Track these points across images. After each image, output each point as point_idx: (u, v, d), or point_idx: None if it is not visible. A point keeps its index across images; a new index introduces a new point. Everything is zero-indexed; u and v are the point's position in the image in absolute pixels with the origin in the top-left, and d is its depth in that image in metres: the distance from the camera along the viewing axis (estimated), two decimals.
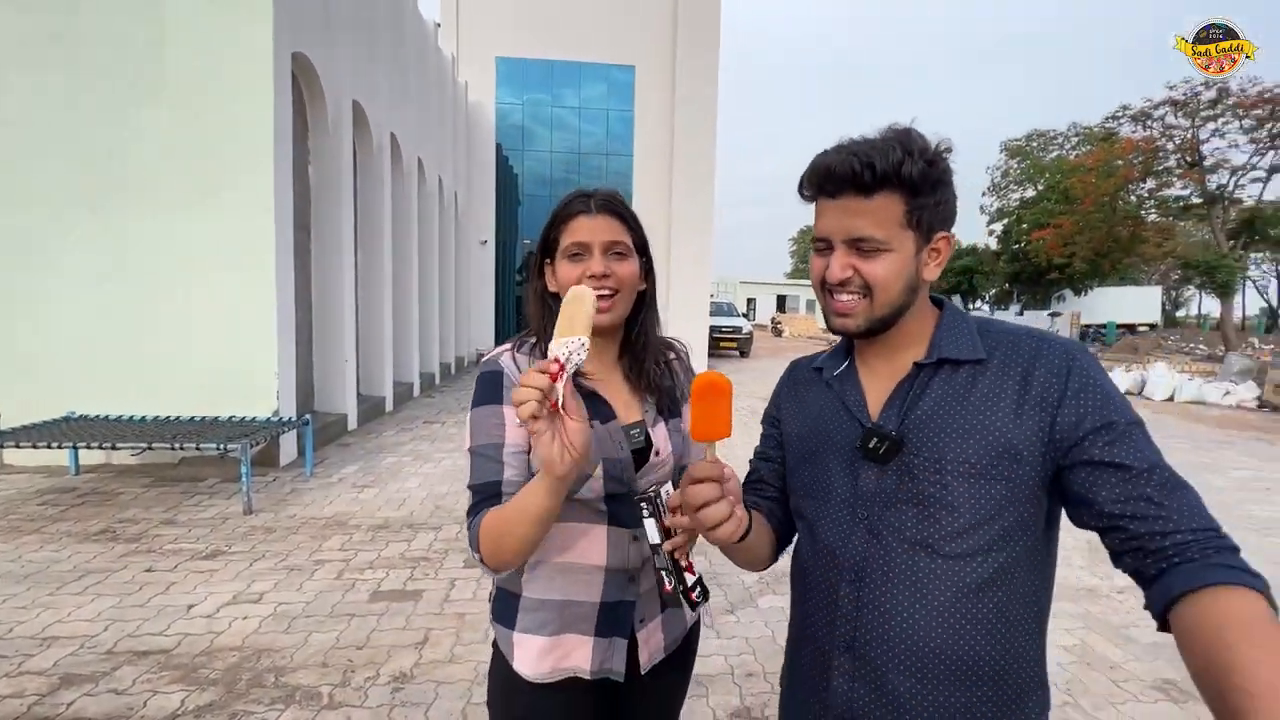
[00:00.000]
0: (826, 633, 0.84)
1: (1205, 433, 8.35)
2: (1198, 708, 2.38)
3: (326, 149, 6.59)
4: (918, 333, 0.87)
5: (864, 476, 0.83)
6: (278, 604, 2.99)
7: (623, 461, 1.04)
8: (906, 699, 0.78)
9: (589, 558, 1.03)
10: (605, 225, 1.03)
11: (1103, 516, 0.72)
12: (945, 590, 0.77)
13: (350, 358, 6.87)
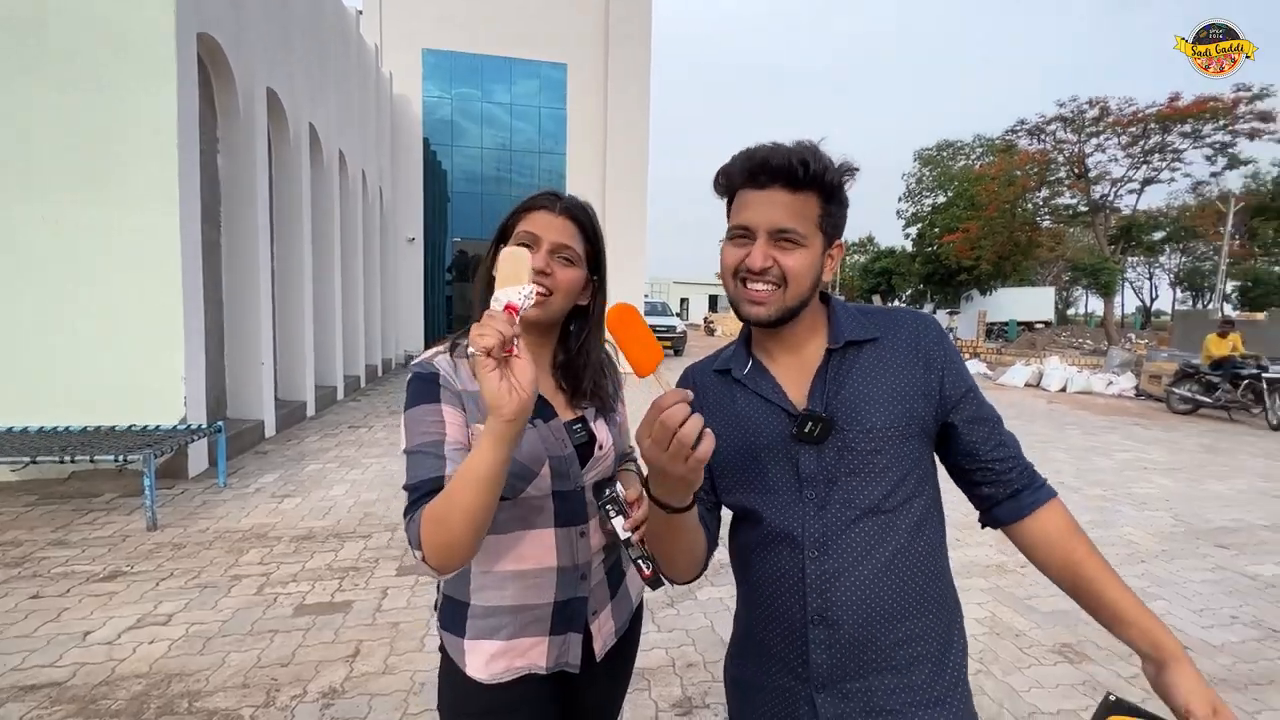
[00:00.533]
0: (798, 611, 0.87)
1: (1092, 419, 9.19)
2: (1090, 667, 2.63)
3: (238, 138, 6.17)
4: (815, 325, 0.95)
5: (803, 460, 0.88)
6: (190, 625, 2.78)
7: (567, 457, 1.04)
8: (880, 649, 0.86)
9: (540, 561, 1.03)
10: (561, 226, 1.04)
11: (977, 459, 0.92)
12: (893, 541, 0.87)
13: (267, 360, 6.47)
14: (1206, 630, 2.97)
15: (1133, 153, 24.47)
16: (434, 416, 0.95)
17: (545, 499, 1.02)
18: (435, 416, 0.95)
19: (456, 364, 1.01)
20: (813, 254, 0.88)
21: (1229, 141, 22.93)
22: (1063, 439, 7.56)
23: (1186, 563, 3.79)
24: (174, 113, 4.68)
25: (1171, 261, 46.98)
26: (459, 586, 1.04)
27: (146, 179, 4.68)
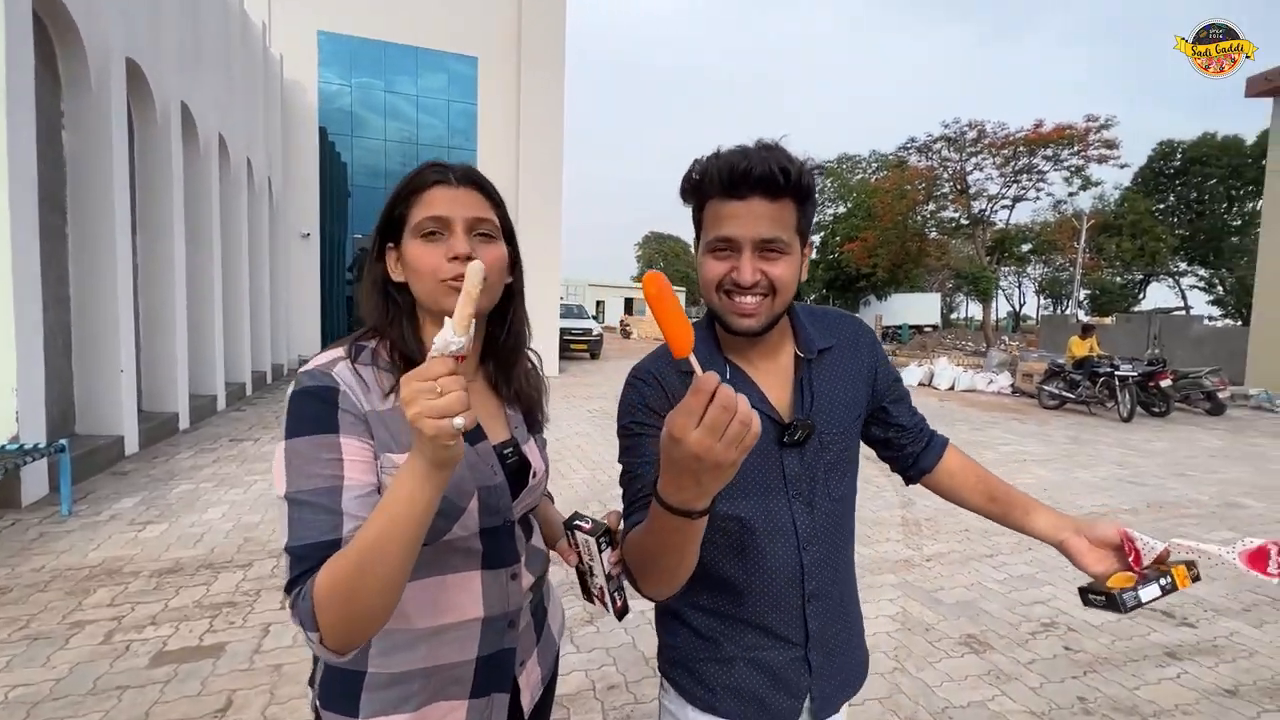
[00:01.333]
0: (797, 593, 0.96)
1: (978, 415, 9.96)
2: (993, 655, 2.75)
3: (88, 114, 5.38)
4: (784, 330, 1.00)
5: (789, 462, 0.95)
6: (9, 690, 2.31)
7: (498, 487, 0.88)
8: (842, 606, 1.02)
9: (464, 612, 0.85)
10: (470, 199, 0.86)
11: (904, 429, 1.10)
12: (847, 520, 1.03)
13: (127, 367, 5.69)
14: (1088, 611, 3.19)
15: (1005, 172, 27.03)
16: (330, 453, 0.74)
17: (472, 538, 0.85)
18: (332, 453, 0.74)
19: (361, 373, 0.81)
20: (796, 260, 0.90)
21: (1081, 165, 25.88)
22: (954, 434, 8.10)
23: None
24: (1, 75, 3.99)
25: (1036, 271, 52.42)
26: (360, 653, 0.83)
27: None
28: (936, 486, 1.12)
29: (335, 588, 0.66)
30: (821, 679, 0.99)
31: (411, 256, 0.83)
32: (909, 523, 4.54)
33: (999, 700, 2.43)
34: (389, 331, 0.86)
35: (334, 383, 0.78)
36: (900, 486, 5.48)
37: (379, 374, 0.83)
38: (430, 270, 0.82)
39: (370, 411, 0.79)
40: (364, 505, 0.75)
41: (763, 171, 0.83)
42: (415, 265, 0.83)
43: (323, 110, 13.92)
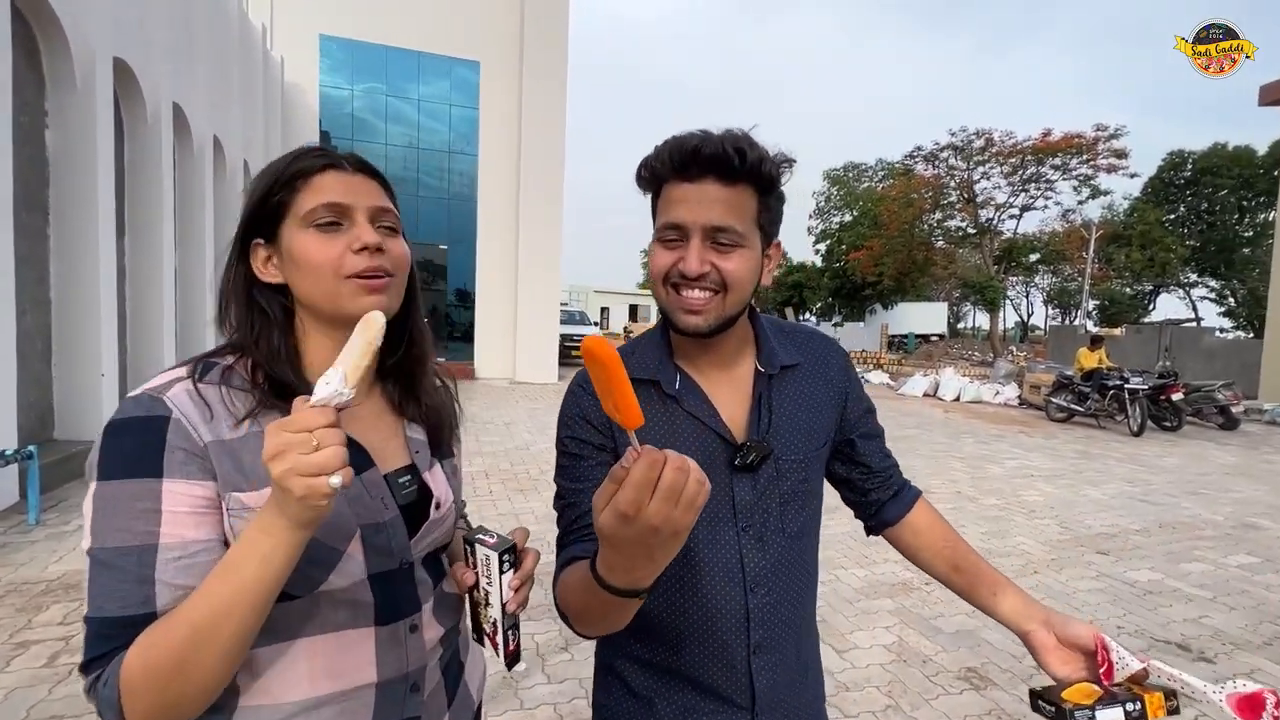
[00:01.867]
0: (741, 644, 0.84)
1: (984, 428, 9.74)
2: (995, 692, 2.56)
3: (73, 112, 5.29)
4: (744, 339, 0.89)
5: (739, 489, 0.83)
6: None
7: (389, 524, 0.72)
8: (802, 662, 0.89)
9: (351, 678, 0.70)
10: (368, 187, 0.72)
11: (871, 470, 0.96)
12: (807, 561, 0.90)
13: (109, 371, 5.57)
14: None
15: (1013, 181, 26.87)
16: (146, 502, 0.60)
17: (358, 587, 0.70)
18: (148, 502, 0.60)
19: (205, 394, 0.65)
20: (753, 255, 0.80)
21: (1090, 175, 25.65)
22: (959, 448, 7.91)
23: (1074, 571, 3.91)
24: None
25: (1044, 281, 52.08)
26: (225, 706, 0.66)
27: None
28: (898, 543, 0.97)
29: (153, 671, 0.54)
30: None
31: (302, 250, 0.69)
32: None
33: None
34: (254, 348, 0.70)
35: (165, 410, 0.63)
36: None
37: (229, 394, 0.67)
38: (330, 264, 0.68)
39: (212, 442, 0.64)
40: (186, 571, 0.60)
41: (714, 151, 0.74)
42: (307, 259, 0.69)
43: (325, 114, 13.90)
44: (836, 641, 2.94)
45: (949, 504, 5.30)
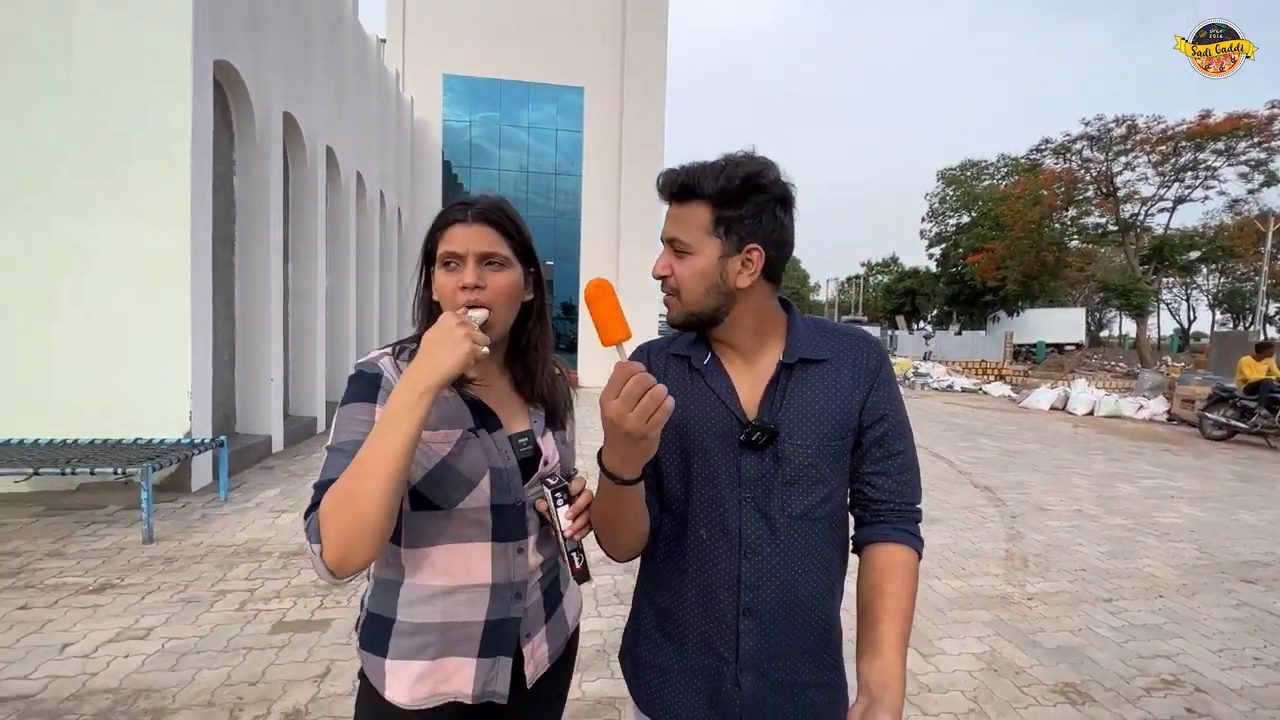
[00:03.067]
0: (731, 604, 0.93)
1: (1119, 444, 8.84)
2: (1093, 709, 2.47)
3: (254, 161, 6.36)
4: (772, 333, 0.98)
5: (745, 463, 0.92)
6: (167, 640, 2.77)
7: (509, 470, 1.00)
8: (795, 635, 0.94)
9: (474, 576, 0.98)
10: (480, 235, 0.99)
11: (865, 478, 0.97)
12: (820, 546, 0.95)
13: (276, 376, 6.57)
14: (1225, 672, 2.77)
15: (1163, 171, 23.95)
16: (365, 416, 0.91)
17: (483, 512, 0.98)
18: (366, 416, 0.91)
19: (400, 365, 0.97)
20: (703, 260, 0.91)
21: (1264, 159, 22.28)
22: (1086, 464, 7.27)
23: (1208, 598, 3.57)
24: (188, 135, 4.84)
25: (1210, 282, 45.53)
26: (385, 602, 0.98)
27: (159, 199, 4.83)
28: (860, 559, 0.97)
29: (333, 498, 0.80)
30: (754, 712, 0.93)
31: (436, 282, 1.00)
32: (1013, 557, 4.15)
33: None
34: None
35: (379, 370, 0.96)
36: (1008, 518, 5.02)
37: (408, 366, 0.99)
38: (449, 294, 0.98)
39: None
40: None
41: (665, 180, 0.92)
42: (438, 290, 1.00)
43: (446, 145, 15.29)
44: (923, 646, 2.93)
45: (1066, 522, 4.95)
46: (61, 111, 4.68)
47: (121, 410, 4.82)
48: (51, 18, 4.63)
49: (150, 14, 4.77)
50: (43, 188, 4.70)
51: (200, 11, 4.96)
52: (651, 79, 14.11)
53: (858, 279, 60.65)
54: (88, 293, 4.76)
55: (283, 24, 6.73)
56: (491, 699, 0.99)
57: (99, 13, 4.69)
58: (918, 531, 0.96)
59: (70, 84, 4.68)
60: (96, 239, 4.75)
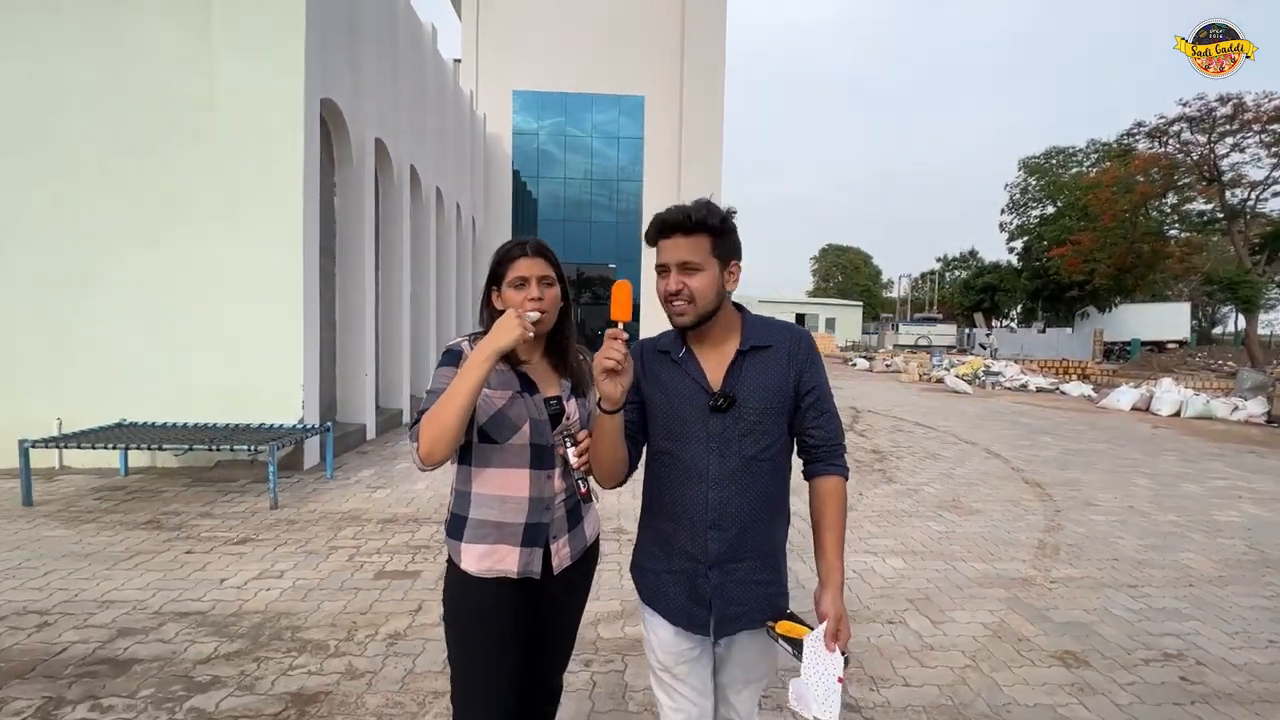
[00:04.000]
0: (702, 520, 1.32)
1: (1200, 446, 8.43)
2: (1085, 672, 2.70)
3: (351, 182, 7.24)
4: (731, 328, 1.37)
5: (712, 422, 1.31)
6: (296, 579, 3.46)
7: (542, 421, 1.48)
8: (747, 543, 1.34)
9: (517, 491, 1.45)
10: (537, 264, 1.48)
11: (802, 431, 1.37)
12: (762, 479, 1.34)
13: (370, 372, 7.44)
14: (1232, 650, 2.90)
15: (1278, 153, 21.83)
16: (449, 374, 1.40)
17: (524, 448, 1.45)
18: (450, 374, 1.40)
19: (473, 345, 1.46)
20: (711, 275, 1.30)
21: None
22: (1151, 465, 7.07)
23: (1242, 589, 3.62)
24: (300, 167, 5.68)
25: None
26: (461, 505, 1.47)
27: (278, 221, 5.70)
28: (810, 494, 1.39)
29: (430, 414, 1.31)
30: (719, 597, 1.32)
31: (508, 296, 1.48)
32: (1046, 546, 4.28)
33: (1072, 708, 2.43)
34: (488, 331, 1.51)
35: (461, 349, 1.46)
36: (1052, 512, 5.10)
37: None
38: (517, 304, 1.46)
39: None
40: None
41: (676, 218, 1.29)
42: (508, 301, 1.48)
43: (516, 156, 16.21)
44: (933, 615, 3.20)
45: (1113, 517, 4.98)
46: (203, 152, 5.62)
47: (248, 400, 5.71)
48: (200, 74, 5.58)
49: (273, 64, 5.65)
50: (188, 216, 5.67)
51: (311, 58, 5.80)
52: (710, 86, 14.45)
53: (932, 275, 58.21)
54: (223, 303, 5.69)
55: (375, 60, 7.61)
56: (529, 576, 1.47)
57: (236, 67, 5.60)
58: (844, 462, 1.37)
59: (211, 128, 5.61)
60: (229, 258, 5.67)
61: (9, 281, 5.61)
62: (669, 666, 1.40)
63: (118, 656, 2.65)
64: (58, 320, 5.65)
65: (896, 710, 2.39)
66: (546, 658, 1.61)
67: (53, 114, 5.59)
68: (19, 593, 3.23)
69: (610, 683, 2.53)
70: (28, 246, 5.61)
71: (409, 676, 2.55)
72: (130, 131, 5.62)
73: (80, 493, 5.01)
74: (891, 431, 9.06)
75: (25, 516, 4.41)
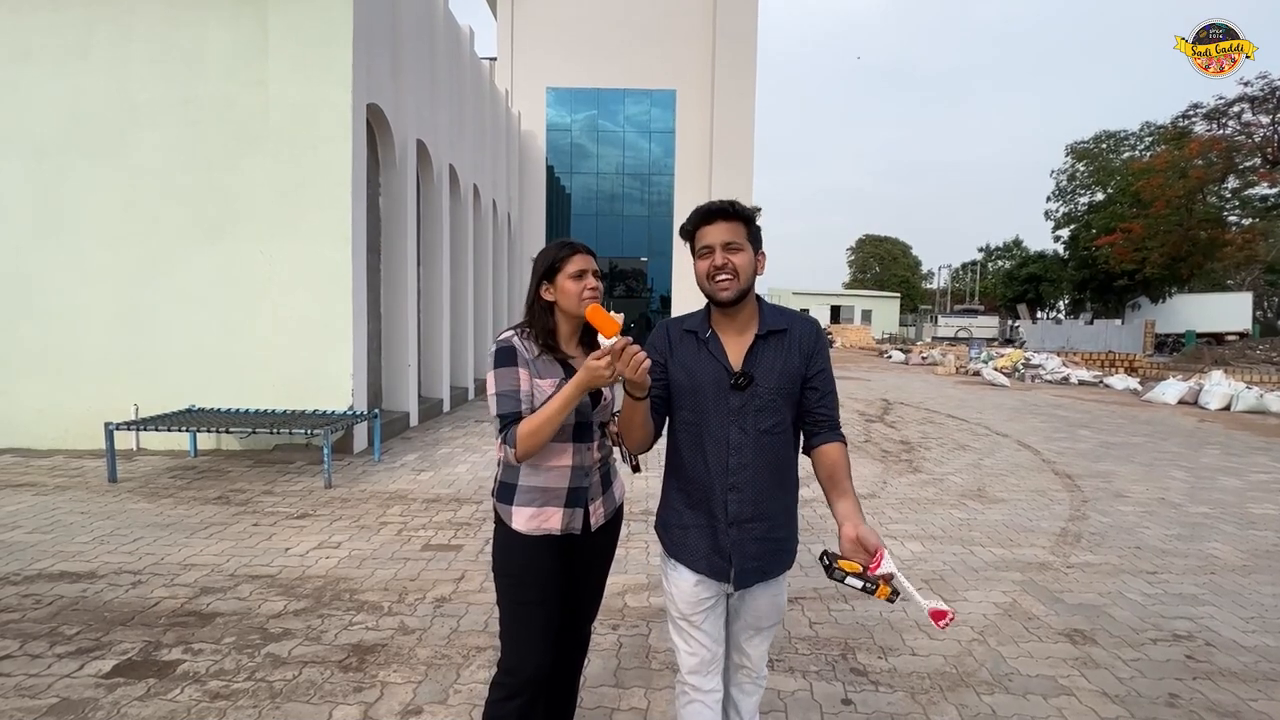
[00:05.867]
0: (722, 483, 1.50)
1: (1247, 440, 8.20)
2: (1090, 649, 2.80)
3: (394, 183, 7.62)
4: (752, 314, 1.55)
5: (732, 398, 1.49)
6: (351, 550, 3.80)
7: (584, 403, 1.70)
8: (760, 505, 1.51)
9: (563, 461, 1.68)
10: (589, 260, 1.72)
11: (807, 408, 1.53)
12: (774, 450, 1.51)
13: (412, 363, 7.84)
14: (1244, 634, 2.96)
15: None
16: (513, 375, 1.64)
17: (569, 426, 1.67)
18: (514, 375, 1.64)
19: (524, 342, 1.70)
20: (749, 256, 1.49)
21: None
22: (1191, 458, 6.94)
23: (1266, 578, 3.63)
24: (349, 170, 6.05)
25: None
26: (511, 473, 1.69)
27: (329, 222, 6.08)
28: (813, 463, 1.54)
29: (526, 430, 1.54)
30: (737, 552, 1.49)
31: (569, 286, 1.69)
32: (1068, 534, 4.34)
33: (1073, 679, 2.55)
34: (535, 323, 1.73)
35: (513, 345, 1.68)
36: (1079, 502, 5.12)
37: (527, 342, 1.71)
38: (576, 294, 1.69)
39: (528, 359, 1.68)
40: (527, 398, 1.63)
41: (721, 206, 1.50)
42: (569, 290, 1.69)
43: (549, 151, 16.52)
44: (947, 594, 3.34)
45: (1142, 508, 4.97)
46: (260, 158, 6.04)
47: (303, 388, 6.13)
48: (256, 85, 5.99)
49: (321, 74, 6.02)
50: (248, 218, 6.10)
51: (358, 67, 6.15)
52: (742, 77, 14.46)
53: (974, 265, 56.61)
54: (280, 298, 6.11)
55: (415, 65, 7.96)
56: (570, 533, 1.70)
57: (288, 78, 5.99)
58: (842, 434, 1.55)
59: (267, 136, 6.02)
60: (285, 255, 6.09)
61: (91, 279, 6.15)
62: (687, 615, 1.58)
63: (202, 610, 3.00)
64: (133, 314, 6.16)
65: (902, 676, 2.55)
66: (580, 607, 1.85)
67: (128, 124, 6.09)
68: (114, 556, 3.65)
69: (635, 644, 2.76)
70: (106, 247, 6.14)
71: (454, 634, 2.83)
72: (195, 140, 6.08)
73: (156, 471, 5.49)
74: (922, 423, 9.06)
75: (111, 492, 4.90)
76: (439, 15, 9.07)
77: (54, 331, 6.17)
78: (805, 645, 2.78)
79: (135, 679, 2.43)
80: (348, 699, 2.33)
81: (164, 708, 2.26)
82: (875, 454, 6.91)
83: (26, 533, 4.00)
